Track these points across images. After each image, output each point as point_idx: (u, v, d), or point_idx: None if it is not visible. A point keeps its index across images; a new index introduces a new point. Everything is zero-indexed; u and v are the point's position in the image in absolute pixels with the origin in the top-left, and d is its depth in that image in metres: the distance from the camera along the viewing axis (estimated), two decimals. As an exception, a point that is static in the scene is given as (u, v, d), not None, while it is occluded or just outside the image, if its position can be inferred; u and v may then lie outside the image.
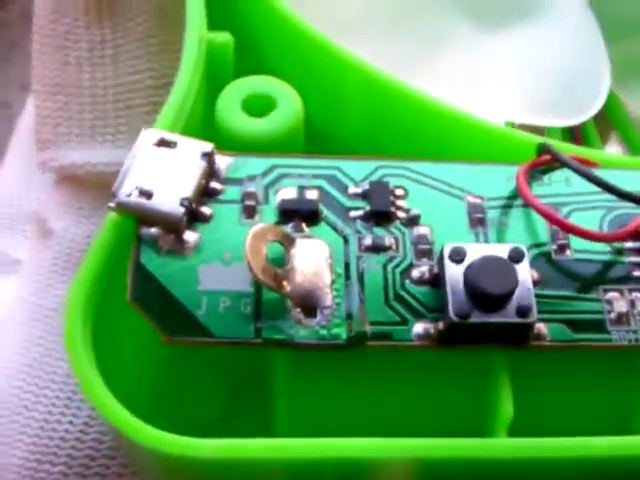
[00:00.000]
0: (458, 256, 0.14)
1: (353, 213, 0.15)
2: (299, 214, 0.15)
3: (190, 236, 0.15)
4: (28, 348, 0.19)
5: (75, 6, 0.21)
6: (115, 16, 0.21)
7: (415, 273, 0.15)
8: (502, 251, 0.14)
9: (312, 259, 0.15)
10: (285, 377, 0.15)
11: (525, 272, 0.14)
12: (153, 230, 0.15)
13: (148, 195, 0.15)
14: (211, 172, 0.15)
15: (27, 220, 0.23)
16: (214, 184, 0.15)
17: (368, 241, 0.15)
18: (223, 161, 0.16)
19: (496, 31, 0.21)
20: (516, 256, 0.14)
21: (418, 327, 0.14)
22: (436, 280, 0.15)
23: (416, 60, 0.21)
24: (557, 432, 0.14)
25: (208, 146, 0.15)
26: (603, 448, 0.14)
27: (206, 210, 0.15)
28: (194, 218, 0.15)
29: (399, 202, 0.15)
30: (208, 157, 0.15)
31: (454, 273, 0.14)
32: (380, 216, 0.15)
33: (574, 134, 0.22)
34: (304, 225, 0.15)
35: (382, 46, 0.21)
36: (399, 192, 0.16)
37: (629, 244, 0.16)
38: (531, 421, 0.15)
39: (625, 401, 0.15)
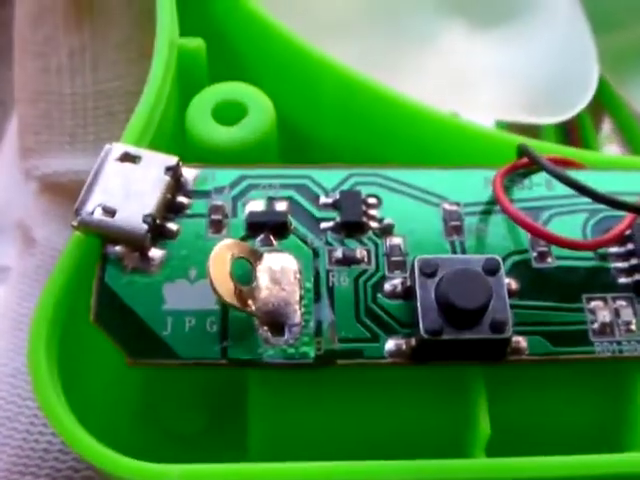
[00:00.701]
0: (429, 269, 0.14)
1: (324, 224, 0.15)
2: (268, 227, 0.15)
3: (155, 253, 0.14)
4: (12, 358, 0.19)
5: (54, 12, 0.21)
6: (95, 22, 0.21)
7: (387, 286, 0.14)
8: (476, 263, 0.14)
9: (280, 274, 0.14)
10: (257, 396, 0.14)
11: (501, 285, 0.14)
12: (118, 248, 0.14)
13: (111, 213, 0.14)
14: (177, 186, 0.15)
15: (16, 227, 0.23)
16: (181, 198, 0.15)
17: (339, 254, 0.14)
18: (190, 173, 0.15)
19: (484, 30, 0.20)
20: (491, 268, 0.14)
21: (390, 344, 0.14)
22: (409, 293, 0.14)
23: (402, 61, 0.21)
24: (538, 450, 0.14)
25: (172, 160, 0.15)
26: (588, 467, 0.13)
27: (172, 226, 0.15)
28: (160, 234, 0.14)
29: (371, 211, 0.15)
30: (172, 171, 0.15)
31: (425, 287, 0.14)
32: (351, 227, 0.15)
33: (569, 131, 0.21)
34: (273, 238, 0.15)
35: (367, 48, 0.21)
36: (372, 201, 0.15)
37: (614, 249, 0.15)
38: (510, 439, 0.14)
39: (612, 416, 0.15)
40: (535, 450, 0.14)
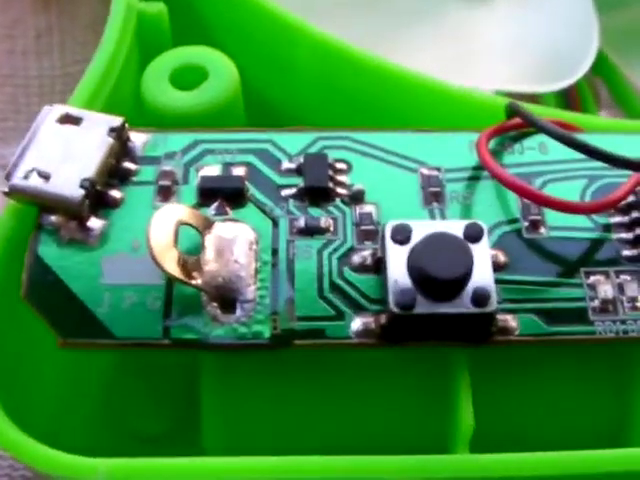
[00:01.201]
0: (401, 235, 0.12)
1: (285, 192, 0.13)
2: (222, 194, 0.13)
3: (95, 223, 0.13)
4: None
5: None
6: (62, 2, 0.20)
7: (356, 258, 0.12)
8: (456, 228, 0.12)
9: (232, 246, 0.12)
10: (209, 382, 0.13)
11: (484, 253, 0.12)
12: (54, 218, 0.13)
13: (46, 177, 0.13)
14: (124, 151, 0.13)
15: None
16: (127, 164, 0.13)
17: (301, 223, 0.13)
18: (139, 138, 0.14)
19: (484, 2, 0.19)
20: (473, 234, 0.12)
21: (357, 322, 0.12)
22: (380, 266, 0.12)
23: (403, 37, 0.20)
24: (531, 445, 0.12)
25: (117, 120, 0.13)
26: (585, 464, 0.11)
27: (115, 193, 0.13)
28: (102, 203, 0.13)
29: (340, 177, 0.13)
30: (116, 133, 0.13)
31: (397, 256, 0.12)
32: (316, 193, 0.13)
33: (570, 100, 0.20)
34: (228, 206, 0.13)
35: (367, 26, 0.20)
36: (340, 166, 0.13)
37: (616, 218, 0.13)
38: (498, 432, 0.12)
39: (616, 407, 0.13)
40: (527, 445, 0.12)
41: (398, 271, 0.12)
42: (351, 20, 0.18)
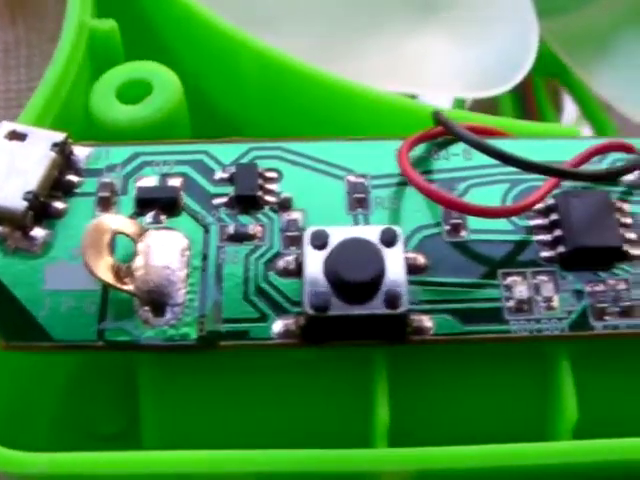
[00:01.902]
0: (319, 240, 0.13)
1: (217, 200, 0.14)
2: (158, 204, 0.14)
3: (38, 233, 0.13)
4: None
5: None
6: (28, 16, 0.20)
7: (280, 263, 0.13)
8: (372, 233, 0.13)
9: (164, 252, 0.13)
10: (144, 382, 0.13)
11: (398, 257, 0.13)
12: (1, 229, 0.14)
13: (-9, 191, 0.14)
14: (67, 164, 0.14)
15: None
16: (71, 176, 0.14)
17: (230, 230, 0.13)
18: (82, 151, 0.14)
19: (429, 16, 0.20)
20: (388, 238, 0.13)
21: (278, 324, 0.13)
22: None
23: (350, 43, 0.20)
24: (448, 441, 0.12)
25: (59, 136, 0.14)
26: (499, 457, 0.12)
27: (59, 205, 0.14)
28: (45, 214, 0.14)
29: (269, 185, 0.14)
30: (59, 148, 0.14)
31: (314, 260, 0.12)
32: (246, 202, 0.14)
33: (526, 102, 0.20)
34: (164, 215, 0.14)
35: (317, 37, 0.20)
36: (271, 175, 0.14)
37: (537, 221, 0.14)
38: (417, 427, 0.13)
39: (533, 403, 0.13)
40: (445, 441, 0.12)
41: (315, 274, 0.12)
42: (301, 30, 0.18)
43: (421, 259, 0.13)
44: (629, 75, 0.19)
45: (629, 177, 0.14)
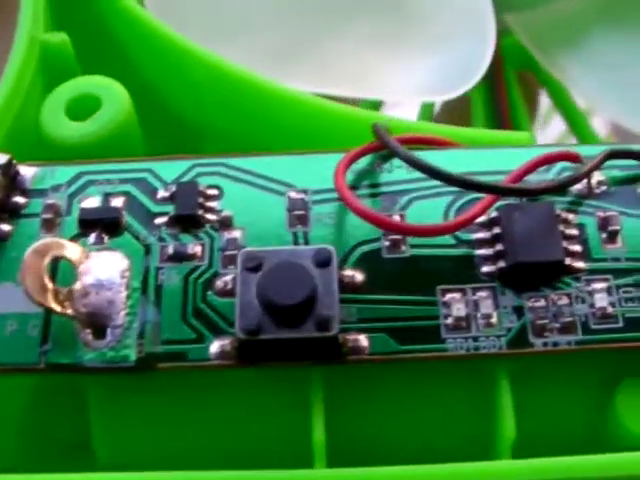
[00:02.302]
0: (252, 263, 0.13)
1: (158, 220, 0.14)
2: (100, 224, 0.14)
3: (-16, 256, 0.14)
4: None
5: None
6: None
7: (218, 283, 0.13)
8: (305, 255, 0.13)
9: (104, 274, 0.13)
10: (92, 401, 0.13)
11: (332, 278, 0.13)
12: (-52, 253, 0.14)
13: (-63, 216, 0.14)
14: (13, 185, 0.14)
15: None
16: (16, 198, 0.14)
17: (170, 250, 0.13)
18: (28, 171, 0.15)
19: (392, 24, 0.19)
20: (321, 259, 0.13)
21: (215, 345, 0.13)
22: (240, 290, 0.13)
23: (308, 52, 0.20)
24: (387, 459, 0.12)
25: (3, 158, 0.14)
26: (442, 476, 0.12)
27: (4, 227, 0.14)
28: (-10, 236, 0.14)
29: (210, 203, 0.14)
30: (3, 169, 0.14)
31: (247, 283, 0.13)
32: (186, 220, 0.14)
33: (498, 100, 0.20)
34: (106, 236, 0.14)
35: (272, 45, 0.20)
36: (212, 192, 0.14)
37: (479, 234, 0.14)
38: (355, 445, 0.13)
39: (473, 422, 0.13)
40: (384, 459, 0.12)
41: (247, 297, 0.12)
42: (258, 41, 0.18)
43: (359, 276, 0.13)
44: (604, 76, 0.19)
45: (577, 186, 0.14)
